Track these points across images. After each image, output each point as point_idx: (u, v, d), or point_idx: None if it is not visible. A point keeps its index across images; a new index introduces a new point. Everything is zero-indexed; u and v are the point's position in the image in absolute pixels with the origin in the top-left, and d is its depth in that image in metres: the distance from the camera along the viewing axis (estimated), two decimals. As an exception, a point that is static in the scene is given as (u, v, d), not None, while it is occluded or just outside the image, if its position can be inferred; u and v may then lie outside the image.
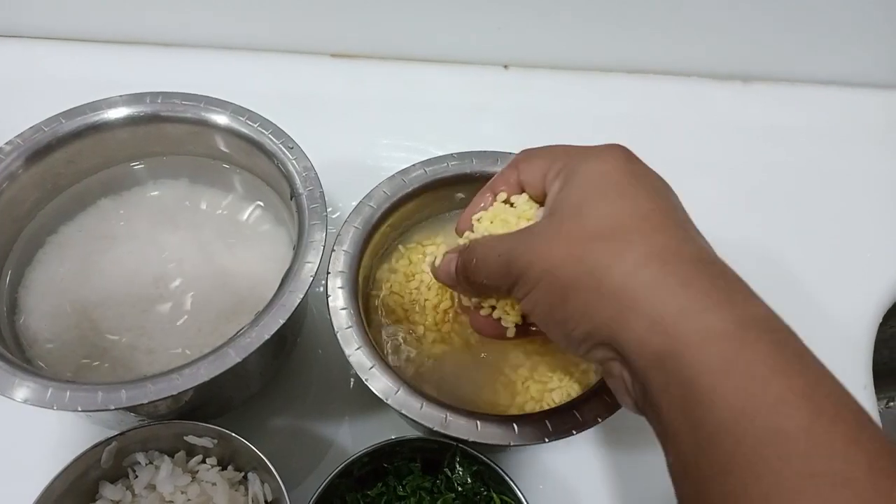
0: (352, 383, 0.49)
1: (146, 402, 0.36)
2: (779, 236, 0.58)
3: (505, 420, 0.37)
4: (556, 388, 0.42)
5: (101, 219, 0.48)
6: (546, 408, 0.41)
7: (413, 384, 0.39)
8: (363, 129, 0.63)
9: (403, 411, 0.37)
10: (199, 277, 0.46)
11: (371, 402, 0.48)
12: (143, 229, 0.48)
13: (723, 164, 0.62)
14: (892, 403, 0.77)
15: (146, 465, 0.40)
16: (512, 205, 0.38)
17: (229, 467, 0.42)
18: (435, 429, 0.37)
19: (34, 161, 0.45)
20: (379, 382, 0.38)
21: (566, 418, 0.37)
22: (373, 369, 0.38)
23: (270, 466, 0.38)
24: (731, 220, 0.57)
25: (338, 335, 0.40)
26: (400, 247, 0.48)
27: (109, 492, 0.40)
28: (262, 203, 0.50)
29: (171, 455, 0.41)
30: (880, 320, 0.53)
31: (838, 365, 0.54)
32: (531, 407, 0.42)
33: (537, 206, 0.37)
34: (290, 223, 0.46)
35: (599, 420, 0.37)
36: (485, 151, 0.47)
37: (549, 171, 0.35)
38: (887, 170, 0.62)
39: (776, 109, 0.66)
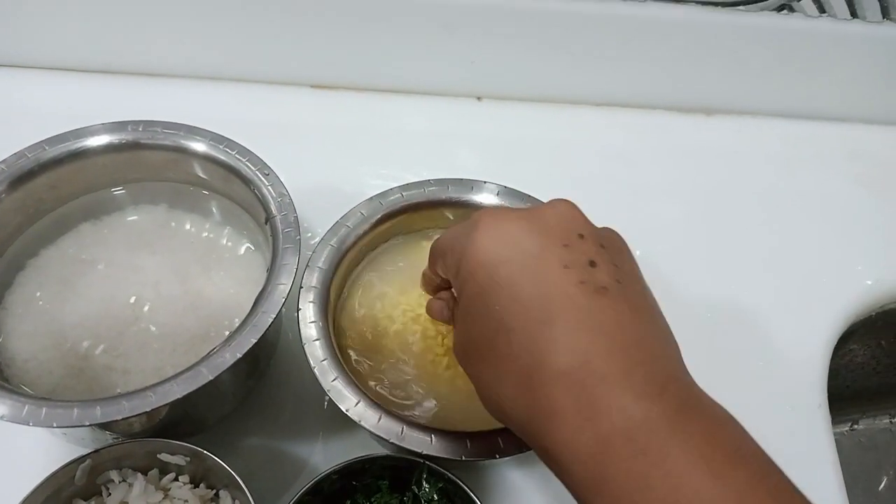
0: (325, 404, 0.50)
1: (120, 418, 0.37)
2: (738, 258, 0.60)
3: (459, 436, 0.39)
4: None
5: (80, 242, 0.50)
6: None
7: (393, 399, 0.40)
8: (341, 158, 0.64)
9: (362, 423, 0.38)
10: (175, 300, 0.47)
11: (344, 422, 0.48)
12: (122, 253, 0.49)
13: (685, 191, 0.64)
14: (855, 427, 0.79)
15: (119, 482, 0.41)
16: None
17: (201, 485, 0.42)
18: (391, 441, 0.38)
19: (17, 186, 0.46)
20: (340, 394, 0.39)
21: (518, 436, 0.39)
22: (335, 381, 0.40)
23: (242, 484, 0.39)
24: (692, 243, 0.60)
25: (304, 346, 0.41)
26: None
27: (83, 509, 0.40)
28: (238, 228, 0.51)
29: (145, 473, 0.41)
30: (835, 341, 0.55)
31: (793, 385, 0.55)
32: None
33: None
34: (265, 247, 0.48)
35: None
36: (461, 179, 0.49)
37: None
38: (843, 198, 0.65)
39: (737, 141, 0.69)
